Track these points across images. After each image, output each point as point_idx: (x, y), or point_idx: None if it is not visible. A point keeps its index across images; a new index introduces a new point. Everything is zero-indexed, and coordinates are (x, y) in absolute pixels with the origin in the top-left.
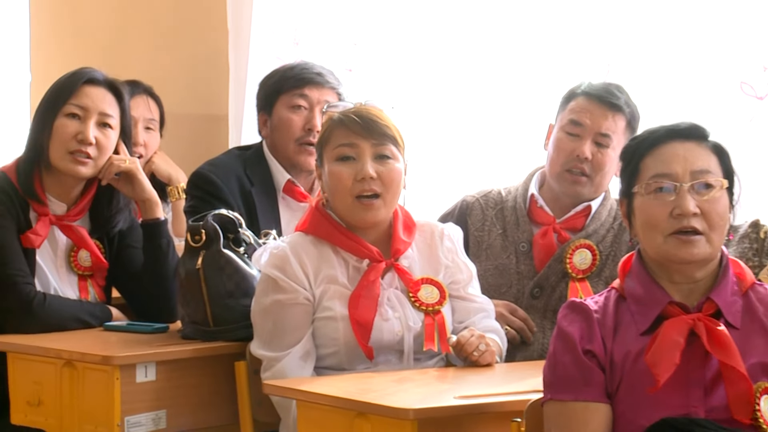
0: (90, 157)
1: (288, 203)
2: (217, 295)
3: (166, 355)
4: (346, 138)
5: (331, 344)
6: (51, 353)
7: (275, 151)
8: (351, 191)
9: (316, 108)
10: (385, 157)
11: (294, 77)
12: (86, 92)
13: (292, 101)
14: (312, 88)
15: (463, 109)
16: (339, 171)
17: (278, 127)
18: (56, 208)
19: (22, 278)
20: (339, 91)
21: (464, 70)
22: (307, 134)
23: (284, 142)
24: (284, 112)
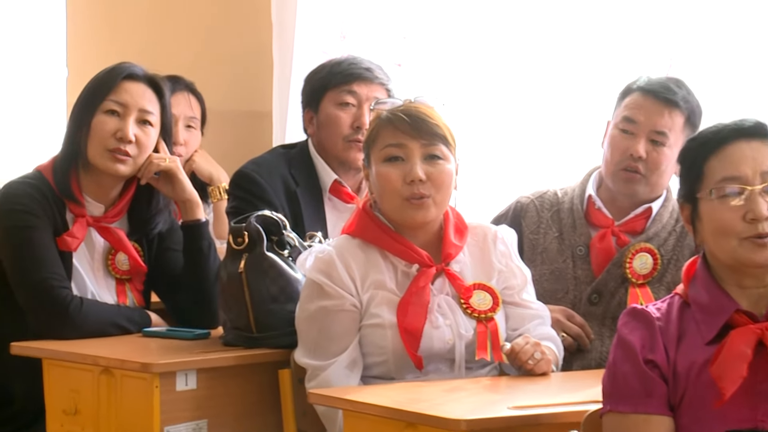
0: (129, 155)
1: (334, 204)
2: (260, 300)
3: (208, 363)
4: (394, 138)
5: (378, 353)
6: (88, 360)
7: (322, 149)
8: (400, 193)
9: (364, 105)
10: (435, 158)
11: (342, 72)
12: (126, 88)
13: (339, 98)
14: (360, 84)
15: (518, 105)
16: (387, 172)
17: (325, 125)
18: (94, 209)
19: (58, 282)
20: (388, 87)
21: (519, 64)
22: (356, 132)
23: (332, 140)
24: (331, 109)
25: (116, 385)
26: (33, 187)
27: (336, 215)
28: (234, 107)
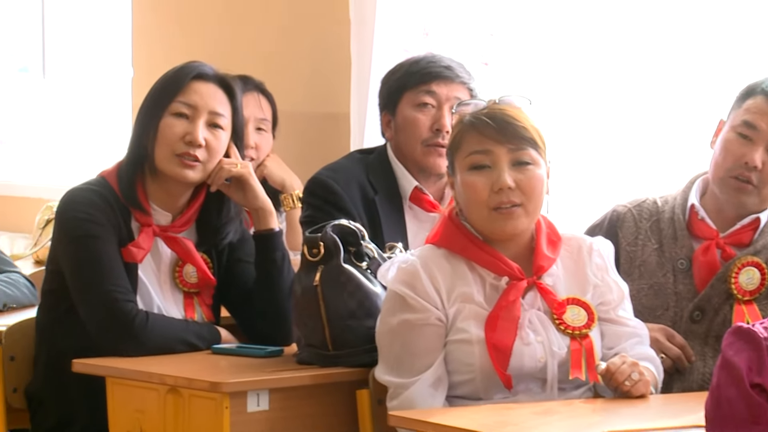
0: (198, 160)
1: (415, 213)
2: (336, 316)
3: (281, 382)
4: (479, 144)
5: (465, 370)
6: (154, 378)
7: (400, 154)
8: (487, 203)
9: (444, 106)
10: (523, 164)
11: (420, 72)
12: (195, 89)
13: (417, 98)
14: (440, 84)
15: (614, 104)
16: (473, 181)
17: (403, 128)
18: (160, 218)
19: (122, 295)
20: (470, 86)
21: (615, 60)
22: (436, 135)
23: (410, 144)
24: (409, 111)
25: (183, 405)
26: (97, 194)
27: (417, 225)
28: (309, 109)
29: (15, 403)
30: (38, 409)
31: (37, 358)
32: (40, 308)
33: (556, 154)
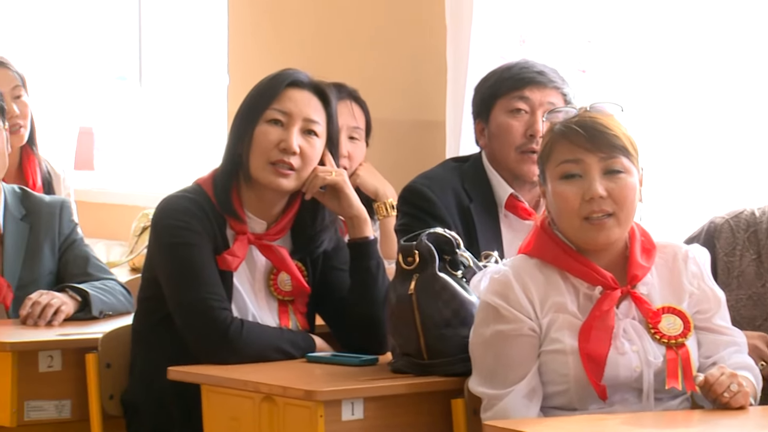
0: (293, 168)
1: (510, 222)
2: (432, 324)
3: (375, 391)
4: (570, 153)
5: (559, 381)
6: (249, 386)
7: (495, 162)
8: (579, 213)
9: (538, 111)
10: (615, 172)
11: (512, 78)
12: (290, 96)
13: (510, 105)
14: (533, 89)
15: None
16: (564, 191)
17: (497, 135)
18: (255, 226)
19: (218, 303)
20: (564, 91)
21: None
22: (530, 141)
23: (504, 151)
24: (503, 117)
25: (278, 413)
26: (192, 201)
27: (512, 233)
28: (404, 116)
29: (111, 410)
30: (134, 417)
31: (133, 365)
32: (136, 316)
33: (652, 161)
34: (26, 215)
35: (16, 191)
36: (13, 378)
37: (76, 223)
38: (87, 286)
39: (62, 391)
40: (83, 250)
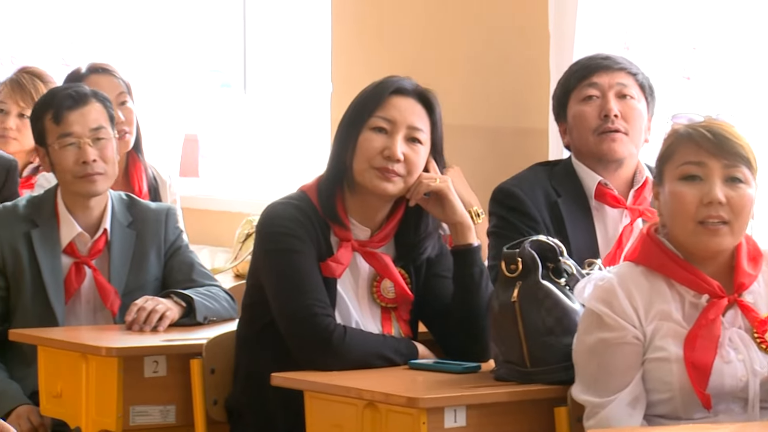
0: (398, 174)
1: (603, 213)
2: (534, 332)
3: (478, 398)
4: (695, 155)
5: (664, 389)
6: (351, 393)
7: (580, 154)
8: (695, 216)
9: (609, 93)
10: (736, 180)
11: (579, 69)
12: (394, 103)
13: (582, 94)
14: (601, 74)
15: None
16: (682, 192)
17: (574, 126)
18: (359, 233)
19: (321, 310)
20: (633, 71)
21: None
22: (605, 121)
23: (583, 137)
24: (576, 107)
25: (381, 420)
26: (297, 208)
27: (604, 224)
28: (506, 123)
29: (215, 415)
30: (238, 422)
31: (236, 371)
32: (240, 322)
33: None
34: (133, 222)
35: (123, 198)
36: (119, 383)
37: (182, 230)
38: (191, 292)
39: (167, 397)
40: (188, 256)
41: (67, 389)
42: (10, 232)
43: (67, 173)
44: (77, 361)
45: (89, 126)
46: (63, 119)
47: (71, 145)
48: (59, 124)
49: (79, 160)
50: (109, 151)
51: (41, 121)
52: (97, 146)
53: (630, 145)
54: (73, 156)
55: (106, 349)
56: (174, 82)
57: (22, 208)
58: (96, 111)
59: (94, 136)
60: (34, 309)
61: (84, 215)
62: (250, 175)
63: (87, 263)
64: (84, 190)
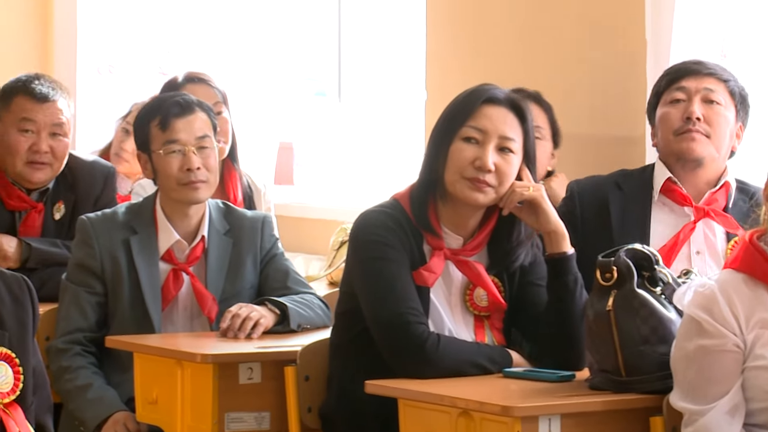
0: (489, 185)
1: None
2: (630, 341)
3: (573, 407)
4: None
5: (763, 398)
6: (445, 401)
7: (663, 154)
8: None
9: (695, 97)
10: None
11: (670, 73)
12: (485, 113)
13: (669, 97)
14: (689, 79)
15: None
16: None
17: (659, 127)
18: (452, 241)
19: (415, 318)
20: (724, 77)
21: None
22: (686, 123)
23: (665, 137)
24: (663, 109)
25: (475, 428)
26: (390, 216)
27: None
28: (601, 131)
29: (309, 422)
30: (331, 429)
31: (330, 378)
32: (333, 329)
33: None
34: (230, 230)
35: (220, 206)
36: (214, 390)
37: (277, 238)
38: (286, 299)
39: (262, 403)
40: (283, 264)
41: (162, 396)
42: (109, 239)
43: (170, 180)
44: (173, 368)
45: (195, 134)
46: (170, 126)
47: (176, 152)
48: (165, 130)
49: (183, 167)
50: (212, 160)
51: (146, 127)
52: (201, 155)
53: (709, 146)
54: (177, 163)
55: (201, 355)
56: (269, 91)
57: (121, 216)
58: (201, 120)
59: (199, 144)
60: (132, 315)
61: (182, 223)
62: (345, 183)
63: (185, 270)
64: (186, 197)
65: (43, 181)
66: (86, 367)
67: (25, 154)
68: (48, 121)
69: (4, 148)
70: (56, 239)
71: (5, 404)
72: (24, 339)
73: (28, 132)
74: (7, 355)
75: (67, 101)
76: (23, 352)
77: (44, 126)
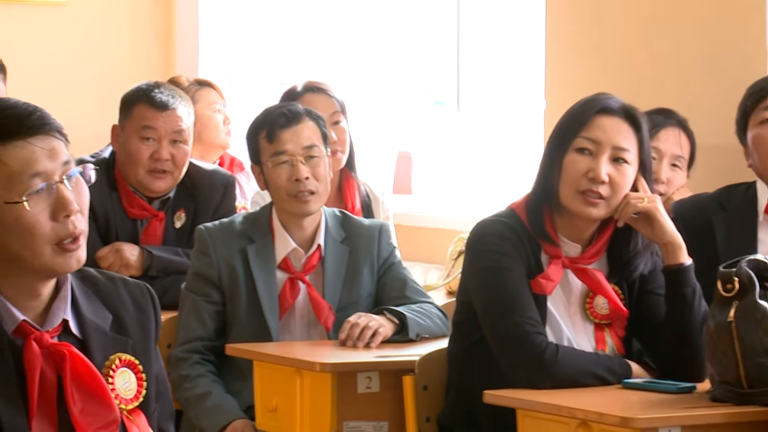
0: (602, 197)
1: None
2: (752, 353)
3: (693, 419)
4: None
5: None
6: (564, 412)
7: (760, 174)
8: None
9: None
10: None
11: (755, 92)
12: (599, 124)
13: (759, 117)
14: None
15: None
16: None
17: (753, 149)
18: (569, 250)
19: (532, 327)
20: None
21: None
22: None
23: (762, 159)
24: (754, 130)
25: None
26: (506, 226)
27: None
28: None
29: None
30: None
31: (448, 388)
32: (450, 339)
33: None
34: (346, 238)
35: (336, 215)
36: (333, 398)
37: (395, 246)
38: (404, 308)
39: (380, 413)
40: (401, 272)
41: (282, 404)
42: (226, 249)
43: (280, 191)
44: (292, 376)
45: (302, 144)
46: (276, 137)
47: (284, 163)
48: (272, 142)
49: (291, 178)
50: (321, 169)
51: (256, 139)
52: (310, 164)
53: None
54: (285, 174)
55: (320, 364)
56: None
57: (239, 225)
58: (309, 129)
59: (307, 154)
60: (249, 324)
61: (298, 231)
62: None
63: (301, 279)
64: (296, 210)
65: (164, 190)
66: (205, 375)
67: (146, 162)
68: (168, 128)
69: (126, 157)
70: (177, 248)
71: (129, 410)
72: (147, 346)
73: (149, 140)
74: (131, 362)
75: (187, 109)
76: (146, 359)
77: (165, 134)
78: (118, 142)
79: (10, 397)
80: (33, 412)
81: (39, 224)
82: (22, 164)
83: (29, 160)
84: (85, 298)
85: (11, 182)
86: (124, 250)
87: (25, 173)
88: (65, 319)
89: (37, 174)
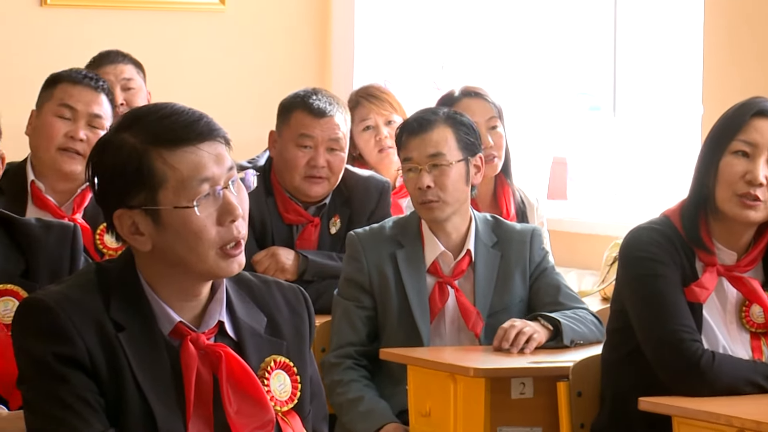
0: (760, 200)
1: None
2: None
3: None
4: None
5: None
6: (721, 420)
7: None
8: None
9: None
10: None
11: None
12: (756, 126)
13: None
14: None
15: None
16: None
17: None
18: (725, 258)
19: (688, 335)
20: None
21: None
22: None
23: None
24: None
25: None
26: (660, 233)
27: None
28: None
29: None
30: None
31: (603, 394)
32: (604, 346)
33: None
34: (497, 243)
35: (488, 219)
36: (486, 403)
37: (547, 251)
38: (558, 315)
39: (534, 418)
40: (554, 278)
41: (435, 408)
42: (377, 254)
43: (412, 199)
44: (445, 381)
45: (427, 152)
46: (404, 144)
47: (411, 171)
48: (402, 149)
49: (416, 186)
50: (445, 178)
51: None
52: (434, 173)
53: None
54: (412, 183)
55: (474, 369)
56: (543, 105)
57: (388, 230)
58: (438, 134)
59: (431, 162)
60: (401, 328)
61: (446, 236)
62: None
63: (450, 283)
64: (424, 216)
65: (320, 195)
66: (358, 380)
67: (303, 168)
68: (325, 136)
69: (283, 163)
70: (332, 252)
71: (284, 412)
72: (301, 349)
73: (307, 147)
74: (286, 364)
75: (343, 116)
76: (300, 362)
77: (322, 141)
78: (275, 148)
79: (167, 399)
80: (189, 413)
81: (206, 229)
82: (192, 169)
83: (198, 166)
84: (240, 300)
85: (181, 187)
86: (279, 255)
87: (194, 178)
88: (220, 320)
89: (205, 179)
